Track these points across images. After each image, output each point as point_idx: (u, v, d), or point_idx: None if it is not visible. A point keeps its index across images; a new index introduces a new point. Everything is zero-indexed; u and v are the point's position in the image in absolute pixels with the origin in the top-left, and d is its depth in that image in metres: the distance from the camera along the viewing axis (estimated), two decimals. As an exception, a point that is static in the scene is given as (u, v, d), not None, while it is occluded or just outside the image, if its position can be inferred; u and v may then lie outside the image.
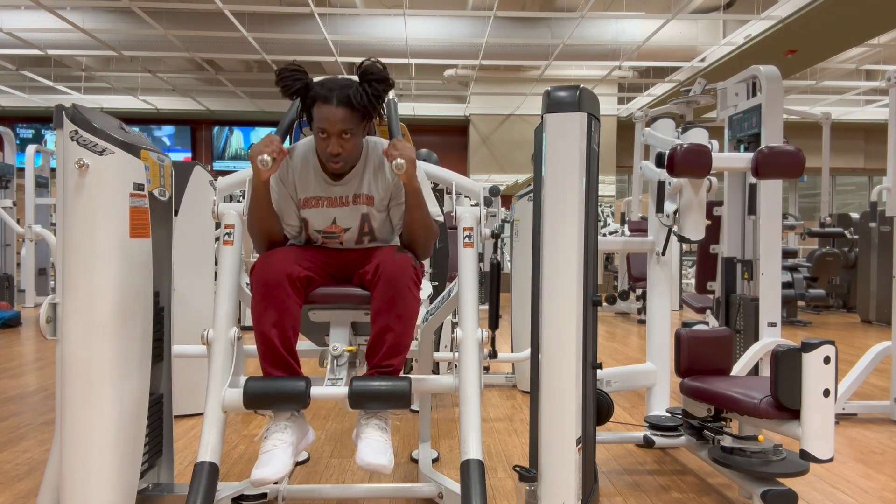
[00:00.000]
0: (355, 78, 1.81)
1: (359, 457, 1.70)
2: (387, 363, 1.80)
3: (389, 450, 1.75)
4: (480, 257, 3.65)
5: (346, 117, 1.76)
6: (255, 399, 1.72)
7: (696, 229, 2.60)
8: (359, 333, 2.01)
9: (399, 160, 1.73)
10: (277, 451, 1.71)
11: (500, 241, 7.09)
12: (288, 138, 2.11)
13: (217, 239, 2.30)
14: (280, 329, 1.76)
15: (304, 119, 1.89)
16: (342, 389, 1.76)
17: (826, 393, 1.87)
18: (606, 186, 11.83)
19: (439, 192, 3.64)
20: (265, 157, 1.72)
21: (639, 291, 7.52)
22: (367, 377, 1.79)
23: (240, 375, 1.86)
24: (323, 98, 1.76)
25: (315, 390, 1.75)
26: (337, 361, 1.88)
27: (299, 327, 1.82)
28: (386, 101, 1.87)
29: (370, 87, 1.76)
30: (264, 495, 2.12)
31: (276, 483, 2.08)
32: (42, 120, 12.90)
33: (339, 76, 1.84)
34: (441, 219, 1.97)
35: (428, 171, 2.20)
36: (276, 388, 1.74)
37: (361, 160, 1.91)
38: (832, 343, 1.88)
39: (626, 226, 7.87)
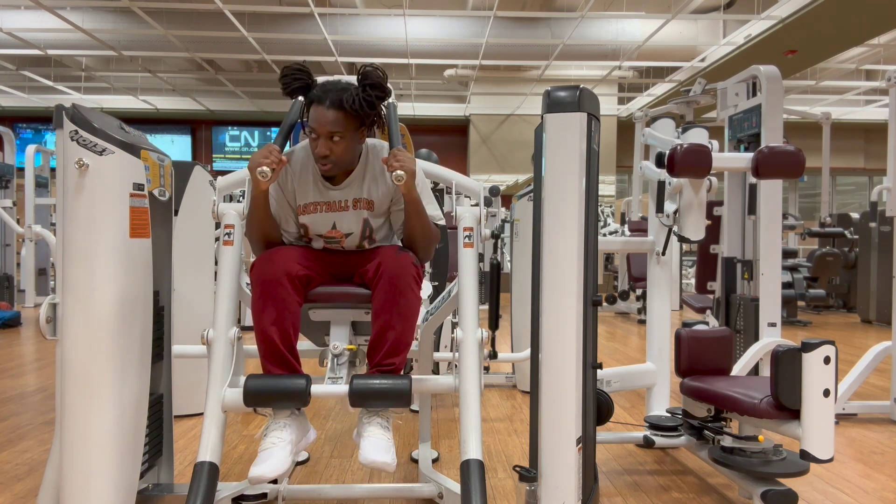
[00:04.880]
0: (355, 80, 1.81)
1: (362, 455, 1.70)
2: (388, 361, 1.80)
3: (392, 448, 1.74)
4: (480, 257, 3.65)
5: (336, 120, 1.75)
6: (255, 397, 1.72)
7: (696, 229, 2.60)
8: (359, 333, 2.01)
9: (399, 172, 1.72)
10: (276, 449, 1.70)
11: (500, 241, 7.10)
12: (288, 143, 2.11)
13: (217, 239, 2.30)
14: (280, 327, 1.75)
15: (305, 119, 1.89)
16: (343, 388, 1.76)
17: (826, 393, 1.87)
18: (606, 186, 11.83)
19: (439, 192, 3.64)
20: (264, 168, 1.72)
21: (639, 291, 7.51)
22: (367, 375, 1.78)
23: (240, 375, 1.86)
24: (317, 99, 1.77)
25: (316, 388, 1.75)
26: (337, 360, 1.87)
27: (299, 325, 1.82)
28: (386, 103, 1.86)
29: (364, 93, 1.75)
30: (264, 495, 2.12)
31: (275, 482, 2.08)
32: (42, 120, 12.90)
33: (342, 78, 1.84)
34: (442, 222, 1.98)
35: (428, 170, 2.20)
36: (276, 386, 1.73)
37: (361, 164, 1.91)
38: (832, 343, 1.88)
39: (626, 226, 7.87)
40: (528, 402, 2.09)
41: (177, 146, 13.01)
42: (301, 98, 1.89)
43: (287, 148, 1.94)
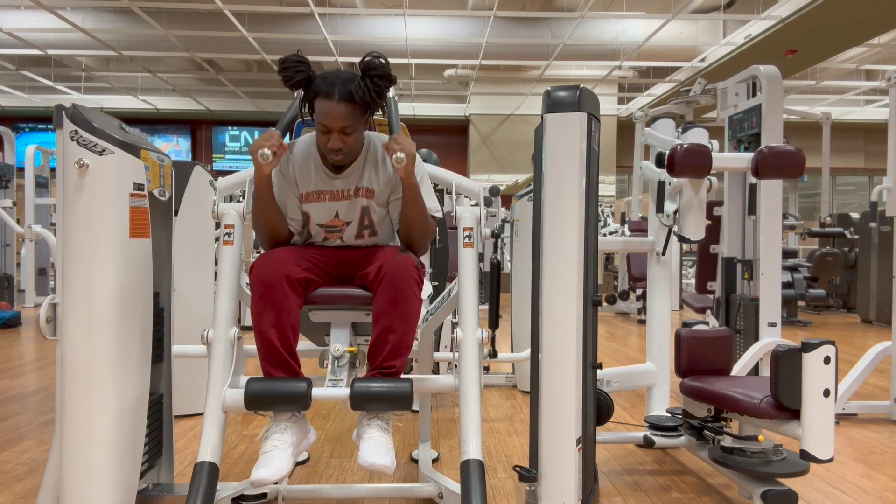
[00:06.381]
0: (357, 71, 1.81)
1: (361, 457, 1.70)
2: (389, 364, 1.79)
3: (391, 450, 1.74)
4: (480, 257, 3.65)
5: (348, 113, 1.76)
6: (256, 400, 1.72)
7: (696, 229, 2.60)
8: (359, 334, 2.01)
9: (399, 154, 1.73)
10: (277, 452, 1.70)
11: (500, 241, 7.11)
12: (288, 135, 2.11)
13: (217, 239, 2.30)
14: (279, 329, 1.75)
15: (307, 118, 1.89)
16: (343, 391, 1.76)
17: (826, 393, 1.87)
18: (606, 186, 11.83)
19: (439, 192, 3.64)
20: (265, 150, 1.73)
21: (639, 291, 7.51)
22: (368, 378, 1.78)
23: (240, 375, 1.86)
24: (325, 93, 1.76)
25: (316, 391, 1.75)
26: (338, 362, 1.87)
27: (299, 328, 1.82)
28: (387, 97, 1.88)
29: (372, 84, 1.76)
30: (264, 495, 2.12)
31: (276, 483, 2.07)
32: (42, 120, 12.90)
33: (342, 69, 1.84)
34: (440, 215, 1.98)
35: (428, 171, 2.19)
36: (277, 389, 1.73)
37: (363, 153, 1.91)
38: (832, 343, 1.88)
39: (626, 226, 7.87)
40: (528, 402, 2.09)
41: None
42: (300, 92, 1.89)
43: (287, 140, 1.94)
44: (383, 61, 1.78)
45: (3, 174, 7.67)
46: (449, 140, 12.89)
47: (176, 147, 12.99)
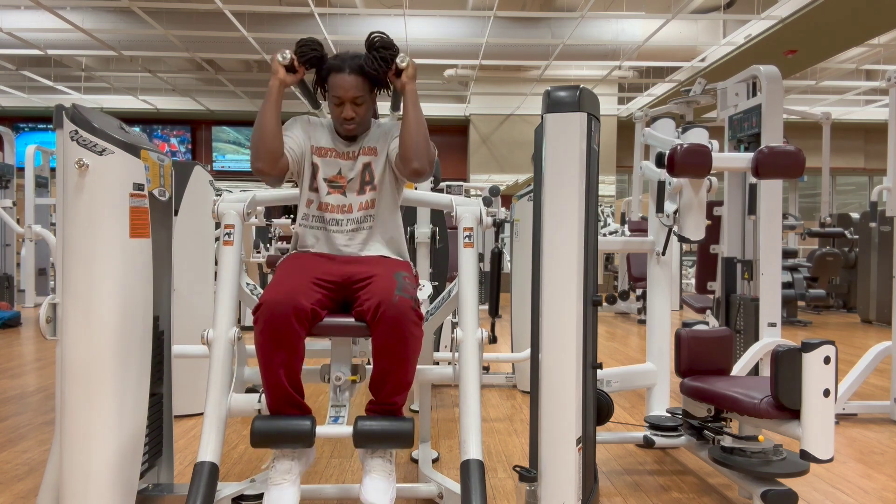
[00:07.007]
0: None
1: (363, 492, 1.74)
2: (391, 401, 1.84)
3: (392, 486, 1.78)
4: (480, 257, 3.65)
5: (359, 84, 1.92)
6: (263, 438, 1.75)
7: (696, 229, 2.60)
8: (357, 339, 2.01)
9: (403, 55, 1.88)
10: (286, 486, 1.74)
11: (499, 238, 7.10)
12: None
13: (217, 239, 2.30)
14: (288, 368, 1.77)
15: (320, 88, 2.01)
16: (346, 429, 1.79)
17: (826, 393, 1.87)
18: (606, 186, 11.83)
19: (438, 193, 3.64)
20: (286, 52, 1.88)
21: (639, 291, 7.52)
22: (370, 417, 1.82)
23: (243, 367, 1.87)
24: (336, 68, 1.92)
25: (320, 429, 1.78)
26: (339, 389, 1.93)
27: (303, 360, 1.84)
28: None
29: (378, 53, 1.89)
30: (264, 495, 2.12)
31: None
32: (42, 120, 12.90)
33: (349, 51, 1.97)
34: (436, 152, 2.04)
35: (426, 199, 2.26)
36: (282, 429, 1.76)
37: (371, 128, 2.07)
38: (832, 343, 1.88)
39: (626, 226, 7.87)
40: (528, 402, 2.09)
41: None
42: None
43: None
44: (385, 35, 1.91)
45: (3, 174, 7.67)
46: (449, 140, 12.89)
47: (173, 147, 13.00)
